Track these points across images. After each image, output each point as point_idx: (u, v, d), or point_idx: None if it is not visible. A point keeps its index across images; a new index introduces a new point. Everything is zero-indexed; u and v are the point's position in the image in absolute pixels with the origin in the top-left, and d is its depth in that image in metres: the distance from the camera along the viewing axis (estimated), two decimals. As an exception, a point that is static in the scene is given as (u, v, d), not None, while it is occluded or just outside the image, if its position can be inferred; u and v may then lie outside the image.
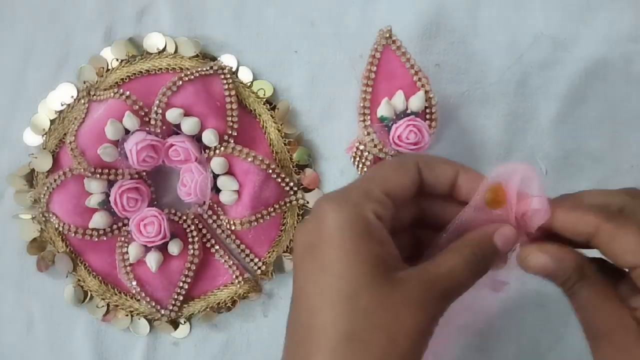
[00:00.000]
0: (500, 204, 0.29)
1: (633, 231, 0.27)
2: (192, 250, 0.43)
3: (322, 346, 0.26)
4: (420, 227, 0.33)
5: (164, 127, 0.42)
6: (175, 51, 0.45)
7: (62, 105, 0.45)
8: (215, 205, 0.44)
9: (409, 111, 0.41)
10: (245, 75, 0.45)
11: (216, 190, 0.42)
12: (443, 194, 0.31)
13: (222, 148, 0.42)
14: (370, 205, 0.28)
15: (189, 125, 0.41)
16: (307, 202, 0.45)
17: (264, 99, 0.45)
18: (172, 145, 0.42)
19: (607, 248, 0.28)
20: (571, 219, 0.29)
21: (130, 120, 0.41)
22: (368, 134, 0.40)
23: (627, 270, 0.28)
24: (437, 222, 0.32)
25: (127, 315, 0.44)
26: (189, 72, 0.42)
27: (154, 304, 0.43)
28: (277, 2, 0.46)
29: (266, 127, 0.45)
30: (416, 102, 0.41)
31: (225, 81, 0.43)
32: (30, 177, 0.44)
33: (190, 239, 0.43)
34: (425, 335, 0.27)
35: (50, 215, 0.42)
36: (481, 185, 0.29)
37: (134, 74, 0.44)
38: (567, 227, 0.29)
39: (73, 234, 0.42)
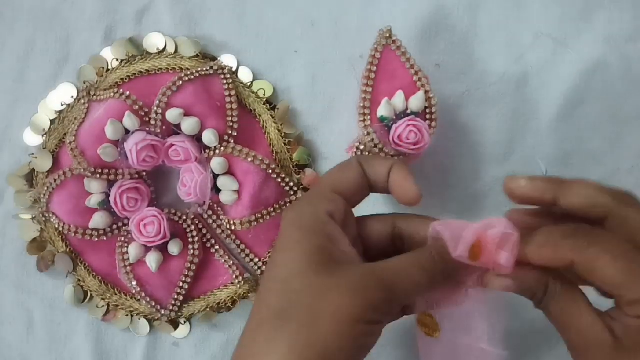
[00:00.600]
0: (477, 258, 0.30)
1: (607, 260, 0.27)
2: (192, 250, 0.43)
3: (253, 320, 0.29)
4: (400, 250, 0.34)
5: (164, 127, 0.42)
6: (175, 51, 0.45)
7: (62, 105, 0.45)
8: (215, 205, 0.44)
9: (409, 111, 0.41)
10: (245, 76, 0.45)
11: (216, 190, 0.42)
12: (384, 187, 0.32)
13: (222, 148, 0.42)
14: (323, 204, 0.31)
15: (189, 125, 0.41)
16: (307, 202, 0.45)
17: (264, 99, 0.45)
18: (172, 145, 0.42)
19: (589, 279, 0.28)
20: (544, 257, 0.29)
21: (130, 120, 0.41)
22: (368, 134, 0.40)
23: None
24: (414, 241, 0.33)
25: (127, 315, 0.44)
26: (189, 72, 0.42)
27: (154, 304, 0.43)
28: (277, 2, 0.46)
29: (266, 127, 0.45)
30: (416, 102, 0.41)
31: (225, 81, 0.43)
32: (30, 177, 0.44)
33: (190, 239, 0.43)
34: (358, 321, 0.27)
35: (50, 215, 0.42)
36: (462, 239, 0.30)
37: (134, 74, 0.44)
38: (543, 264, 0.29)
39: (73, 234, 0.42)
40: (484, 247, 0.29)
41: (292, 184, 0.44)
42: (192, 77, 0.42)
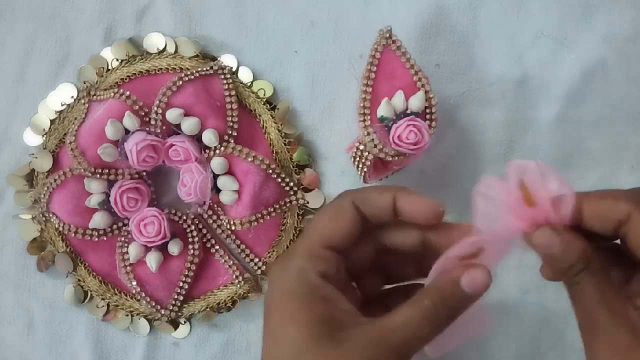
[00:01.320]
0: (532, 202, 0.28)
1: None
2: (192, 250, 0.43)
3: None
4: (387, 260, 0.32)
5: (164, 127, 0.42)
6: (175, 51, 0.45)
7: (62, 105, 0.45)
8: (215, 205, 0.44)
9: (409, 111, 0.41)
10: (245, 76, 0.45)
11: (216, 190, 0.42)
12: (389, 221, 0.30)
13: (222, 148, 0.42)
14: (312, 265, 0.28)
15: (189, 125, 0.41)
16: (307, 202, 0.45)
17: (264, 99, 0.45)
18: (172, 145, 0.42)
19: (634, 238, 0.27)
20: (602, 206, 0.28)
21: (130, 120, 0.41)
22: (368, 134, 0.40)
23: None
24: (400, 251, 0.31)
25: (127, 315, 0.44)
26: (189, 72, 0.42)
27: (154, 304, 0.43)
28: (277, 2, 0.46)
29: (266, 127, 0.45)
30: (416, 102, 0.41)
31: (225, 81, 0.43)
32: (31, 177, 0.44)
33: (190, 239, 0.43)
34: None
35: (51, 215, 0.42)
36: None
37: (134, 74, 0.44)
38: (597, 215, 0.28)
39: (73, 234, 0.42)
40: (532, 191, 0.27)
41: (292, 184, 0.44)
42: (192, 77, 0.42)
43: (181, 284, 0.43)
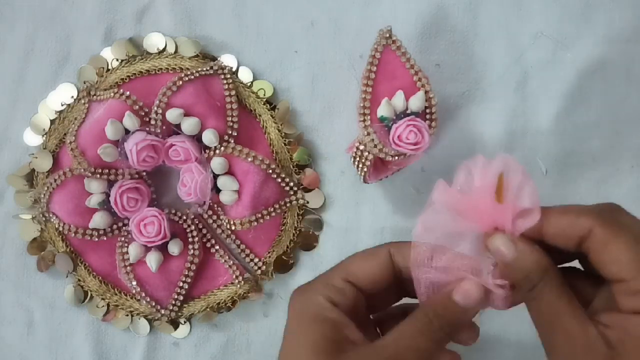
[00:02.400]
0: (500, 198, 0.27)
1: (626, 241, 0.26)
2: (192, 250, 0.43)
3: None
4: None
5: (164, 127, 0.42)
6: (175, 51, 0.45)
7: (62, 105, 0.45)
8: (215, 205, 0.44)
9: (409, 111, 0.41)
10: (245, 75, 0.45)
11: (216, 190, 0.42)
12: None
13: (222, 148, 0.42)
14: (325, 292, 0.30)
15: (189, 125, 0.41)
16: (307, 202, 0.45)
17: (264, 99, 0.45)
18: (172, 145, 0.42)
19: (596, 254, 0.26)
20: (563, 222, 0.27)
21: (130, 120, 0.41)
22: (368, 134, 0.40)
23: (609, 279, 0.27)
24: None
25: (127, 315, 0.44)
26: (189, 72, 0.42)
27: (154, 304, 0.43)
28: (277, 2, 0.46)
29: (266, 127, 0.45)
30: (416, 102, 0.41)
31: (225, 81, 0.43)
32: (31, 177, 0.44)
33: (190, 239, 0.43)
34: None
35: (51, 215, 0.42)
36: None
37: (134, 74, 0.44)
38: (559, 230, 0.27)
39: (73, 234, 0.42)
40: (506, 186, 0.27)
41: (292, 184, 0.44)
42: (192, 77, 0.42)
43: (181, 284, 0.43)
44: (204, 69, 0.43)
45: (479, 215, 0.28)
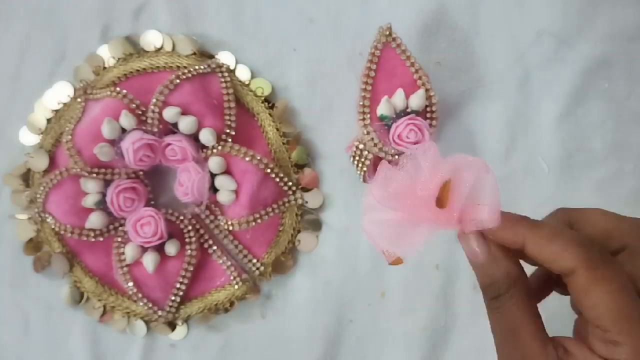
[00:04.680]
0: (444, 203, 0.26)
1: (610, 290, 0.24)
2: (189, 251, 0.42)
3: None
4: None
5: (160, 126, 0.42)
6: (173, 49, 0.45)
7: (58, 104, 0.44)
8: (212, 205, 0.43)
9: (409, 110, 0.41)
10: (243, 74, 0.45)
11: (214, 190, 0.42)
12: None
13: (220, 147, 0.42)
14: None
15: (186, 124, 0.41)
16: (306, 202, 0.44)
17: (262, 98, 0.45)
18: (169, 144, 0.41)
19: (577, 294, 0.25)
20: (548, 252, 0.25)
21: (126, 119, 0.40)
22: (368, 133, 0.40)
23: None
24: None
25: (123, 316, 0.44)
26: (186, 71, 0.42)
27: (150, 305, 0.43)
28: (276, 0, 0.46)
29: (264, 126, 0.45)
30: (416, 100, 0.40)
31: (222, 79, 0.43)
32: (27, 177, 0.44)
33: (187, 240, 0.43)
34: None
35: (47, 215, 0.42)
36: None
37: (131, 72, 0.44)
38: (541, 258, 0.26)
39: (69, 235, 0.41)
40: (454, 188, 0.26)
41: (290, 183, 0.44)
42: (190, 75, 0.42)
43: (178, 285, 0.43)
44: (202, 67, 0.42)
45: (418, 214, 0.27)
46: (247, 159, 0.41)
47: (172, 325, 0.44)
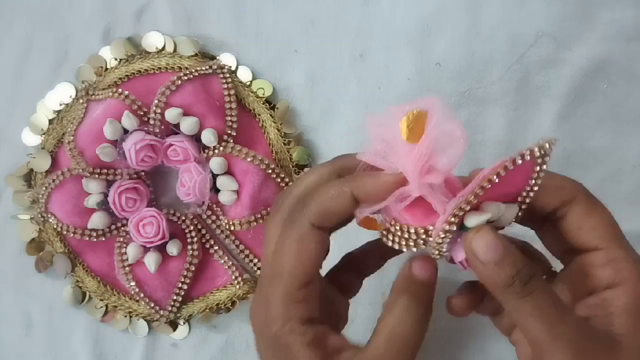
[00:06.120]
0: (418, 136, 0.25)
1: (606, 214, 0.28)
2: (191, 251, 0.42)
3: None
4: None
5: (162, 127, 0.42)
6: (174, 50, 0.45)
7: (60, 105, 0.44)
8: (214, 206, 0.43)
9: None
10: (244, 75, 0.45)
11: (215, 190, 0.42)
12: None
13: (221, 148, 0.42)
14: (294, 314, 0.27)
15: (188, 124, 0.41)
16: (307, 202, 0.44)
17: (264, 99, 0.45)
18: (171, 145, 0.41)
19: (576, 219, 0.28)
20: (550, 183, 0.28)
21: (128, 120, 0.41)
22: (444, 236, 0.27)
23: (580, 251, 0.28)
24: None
25: (125, 316, 0.44)
26: (187, 72, 0.42)
27: (152, 304, 0.43)
28: (277, 1, 0.46)
29: (265, 127, 0.45)
30: (508, 212, 0.28)
31: (224, 80, 0.43)
32: (29, 177, 0.44)
33: (189, 240, 0.43)
34: None
35: (49, 215, 0.42)
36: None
37: (133, 73, 0.44)
38: (545, 190, 0.27)
39: (72, 235, 0.41)
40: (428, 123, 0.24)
41: (291, 184, 0.44)
42: (191, 76, 0.42)
43: (180, 284, 0.43)
44: (203, 68, 0.43)
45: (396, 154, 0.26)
46: (249, 159, 0.41)
47: (173, 325, 0.44)
